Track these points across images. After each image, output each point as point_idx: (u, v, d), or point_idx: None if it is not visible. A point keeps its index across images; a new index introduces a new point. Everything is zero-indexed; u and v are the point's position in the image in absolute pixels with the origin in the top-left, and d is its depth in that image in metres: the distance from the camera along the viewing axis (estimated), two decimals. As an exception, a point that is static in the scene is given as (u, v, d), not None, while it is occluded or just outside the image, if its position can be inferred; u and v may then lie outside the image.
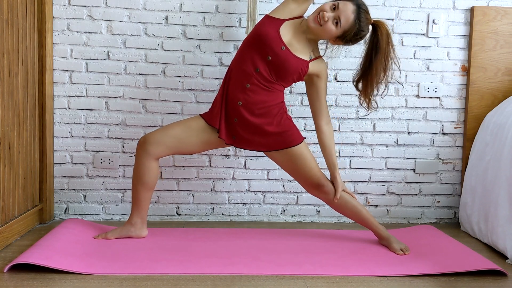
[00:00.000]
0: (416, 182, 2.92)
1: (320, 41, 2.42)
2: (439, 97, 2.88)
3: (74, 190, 2.81)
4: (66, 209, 2.81)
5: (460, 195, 2.87)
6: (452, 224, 2.91)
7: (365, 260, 2.18)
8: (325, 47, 2.45)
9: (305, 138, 2.41)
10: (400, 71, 2.53)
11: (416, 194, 2.93)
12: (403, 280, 1.99)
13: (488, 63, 2.84)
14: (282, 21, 2.30)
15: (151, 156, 2.33)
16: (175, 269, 2.02)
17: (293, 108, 2.80)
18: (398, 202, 2.93)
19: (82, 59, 2.74)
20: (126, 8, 2.73)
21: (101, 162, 2.79)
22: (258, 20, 2.65)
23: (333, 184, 2.39)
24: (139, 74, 2.77)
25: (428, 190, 2.93)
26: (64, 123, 2.76)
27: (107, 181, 2.81)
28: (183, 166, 2.82)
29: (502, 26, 2.83)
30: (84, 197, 2.81)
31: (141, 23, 2.75)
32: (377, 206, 2.92)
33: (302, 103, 2.82)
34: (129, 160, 2.79)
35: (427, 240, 2.46)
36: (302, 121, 2.80)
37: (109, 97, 2.77)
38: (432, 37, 2.85)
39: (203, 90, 2.79)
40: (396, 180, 2.91)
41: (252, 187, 2.87)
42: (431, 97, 2.88)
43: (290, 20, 2.32)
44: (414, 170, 2.91)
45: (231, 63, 2.39)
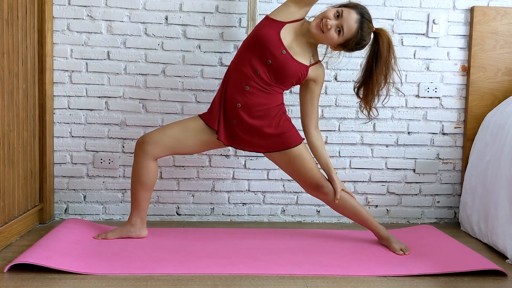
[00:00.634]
0: (416, 182, 2.92)
1: (319, 45, 2.41)
2: (439, 97, 2.88)
3: (74, 190, 2.81)
4: (66, 209, 2.81)
5: (460, 195, 2.87)
6: (452, 224, 2.91)
7: (365, 260, 2.18)
8: (325, 52, 2.45)
9: (304, 139, 2.41)
10: (401, 80, 2.51)
11: (416, 194, 2.93)
12: (403, 280, 1.99)
13: (488, 63, 2.84)
14: (283, 24, 2.28)
15: (150, 156, 2.33)
16: (175, 269, 2.02)
17: (293, 108, 2.80)
18: (398, 202, 2.93)
19: (82, 59, 2.74)
20: (126, 8, 2.73)
21: (101, 162, 2.79)
22: (258, 21, 2.66)
23: (332, 185, 2.39)
24: (139, 74, 2.77)
25: (428, 190, 2.93)
26: (64, 123, 2.76)
27: (107, 181, 2.81)
28: (183, 166, 2.82)
29: (502, 26, 2.83)
30: (84, 197, 2.82)
31: (141, 23, 2.75)
32: (377, 206, 2.92)
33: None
34: (129, 160, 2.79)
35: (427, 240, 2.46)
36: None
37: (109, 97, 2.77)
38: (432, 37, 2.85)
39: (203, 90, 2.79)
40: (396, 180, 2.91)
41: (252, 187, 2.87)
42: (431, 97, 2.88)
43: (291, 23, 2.31)
44: (414, 170, 2.91)
45: (230, 64, 2.38)
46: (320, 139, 2.43)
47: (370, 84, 2.31)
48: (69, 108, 2.76)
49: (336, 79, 2.84)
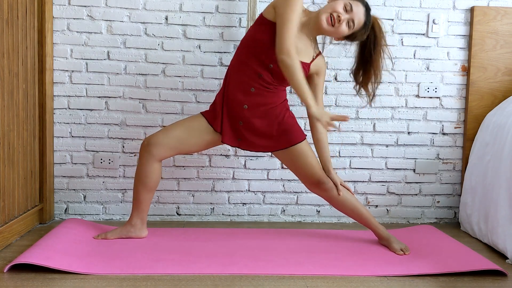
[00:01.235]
0: (416, 182, 2.92)
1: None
2: (439, 97, 2.88)
3: (74, 190, 2.81)
4: (66, 209, 2.81)
5: (460, 195, 2.87)
6: (452, 224, 2.91)
7: (365, 260, 2.18)
8: (323, 42, 2.43)
9: (306, 135, 2.41)
10: (392, 60, 2.54)
11: (416, 194, 2.93)
12: (403, 280, 1.99)
13: (488, 63, 2.84)
14: None
15: (155, 158, 2.33)
16: (175, 269, 2.02)
17: (293, 108, 2.79)
18: (398, 202, 2.93)
19: (82, 59, 2.74)
20: (126, 8, 2.73)
21: (101, 162, 2.79)
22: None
23: (331, 180, 2.38)
24: (139, 74, 2.77)
25: (428, 190, 2.93)
26: (64, 123, 2.76)
27: (107, 181, 2.81)
28: (183, 166, 2.82)
29: (502, 26, 2.83)
30: (84, 197, 2.81)
31: (141, 23, 2.74)
32: (377, 206, 2.92)
33: (303, 103, 2.82)
34: (129, 160, 2.79)
35: (427, 240, 2.46)
36: (302, 121, 2.79)
37: (109, 97, 2.77)
38: (432, 37, 2.85)
39: (203, 90, 2.79)
40: (396, 180, 2.91)
41: (252, 187, 2.87)
42: (431, 97, 2.88)
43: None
44: (414, 170, 2.91)
45: (230, 65, 2.37)
46: (325, 134, 2.43)
47: (371, 67, 2.34)
48: (69, 108, 2.76)
49: (336, 79, 2.84)
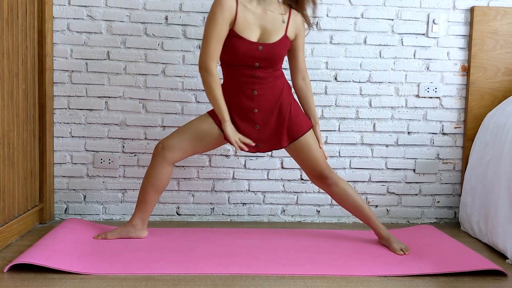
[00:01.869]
0: (416, 182, 2.92)
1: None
2: (439, 97, 2.88)
3: (74, 190, 2.81)
4: (66, 209, 2.81)
5: (460, 195, 2.87)
6: (452, 224, 2.91)
7: (365, 260, 2.18)
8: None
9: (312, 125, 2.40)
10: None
11: (416, 194, 2.93)
12: (403, 280, 1.99)
13: (488, 63, 2.84)
14: (235, 16, 2.20)
15: (168, 162, 2.33)
16: (175, 269, 2.02)
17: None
18: (398, 202, 2.93)
19: (82, 59, 2.74)
20: (126, 8, 2.73)
21: (101, 162, 2.79)
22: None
23: (315, 131, 2.41)
24: (139, 74, 2.77)
25: (428, 190, 2.93)
26: (64, 123, 2.76)
27: (107, 181, 2.81)
28: (183, 166, 2.82)
29: (502, 26, 2.83)
30: (84, 197, 2.81)
31: (141, 23, 2.74)
32: (377, 206, 2.92)
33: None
34: (129, 160, 2.79)
35: (427, 240, 2.46)
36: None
37: (109, 97, 2.77)
38: (432, 37, 2.85)
39: (203, 90, 2.78)
40: (396, 180, 2.91)
41: (252, 187, 2.87)
42: (431, 97, 2.88)
43: (242, 5, 2.23)
44: (414, 170, 2.91)
45: (224, 86, 2.32)
46: (307, 89, 2.42)
47: None
48: (69, 108, 2.76)
49: (336, 79, 2.84)
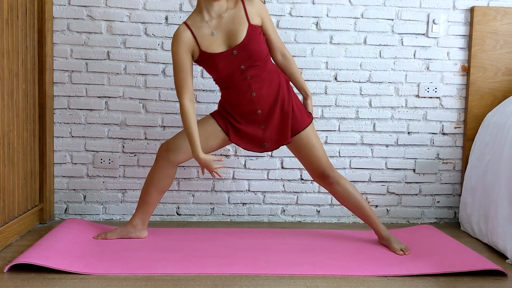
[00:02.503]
0: (416, 182, 2.92)
1: None
2: (439, 97, 2.88)
3: (74, 190, 2.81)
4: (66, 209, 2.81)
5: (460, 195, 2.87)
6: (452, 224, 2.91)
7: (365, 260, 2.18)
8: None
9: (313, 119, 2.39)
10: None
11: (416, 194, 2.93)
12: (403, 280, 1.99)
13: (488, 63, 2.84)
14: (194, 33, 2.20)
15: (172, 163, 2.34)
16: (175, 269, 2.02)
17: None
18: (398, 202, 2.93)
19: (82, 59, 2.74)
20: (126, 8, 2.73)
21: (101, 162, 2.79)
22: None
23: (307, 104, 2.39)
24: (139, 74, 2.77)
25: (428, 190, 2.93)
26: (64, 123, 2.76)
27: (107, 181, 2.81)
28: (183, 166, 2.82)
29: (502, 26, 2.83)
30: (84, 197, 2.81)
31: (141, 23, 2.74)
32: (377, 206, 2.92)
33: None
34: (129, 160, 2.79)
35: (427, 240, 2.46)
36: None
37: (109, 97, 2.77)
38: (432, 37, 2.85)
39: (203, 90, 2.79)
40: (396, 180, 2.91)
41: (252, 187, 2.87)
42: (431, 97, 2.88)
43: (196, 28, 2.22)
44: (414, 170, 2.91)
45: (222, 100, 2.34)
46: (289, 64, 2.35)
47: None
48: (69, 108, 2.76)
49: (336, 79, 2.84)
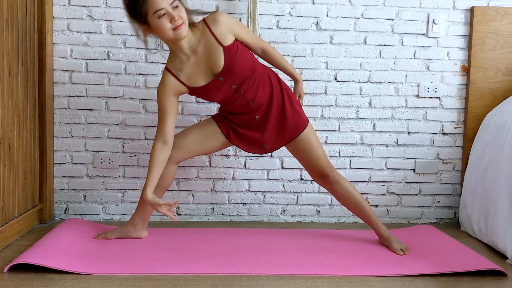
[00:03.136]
0: (416, 182, 2.92)
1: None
2: (439, 97, 2.88)
3: (74, 190, 2.81)
4: (66, 209, 2.81)
5: (460, 195, 2.87)
6: (452, 224, 2.91)
7: (365, 260, 2.18)
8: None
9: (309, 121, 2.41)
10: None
11: (416, 194, 2.93)
12: (403, 280, 1.99)
13: (488, 63, 2.84)
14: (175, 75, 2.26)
15: (173, 161, 2.35)
16: (175, 269, 2.02)
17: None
18: (398, 202, 2.93)
19: (82, 59, 2.74)
20: (126, 8, 2.73)
21: (101, 162, 2.79)
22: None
23: (298, 88, 2.42)
24: (139, 74, 2.77)
25: (428, 190, 2.93)
26: (64, 123, 2.76)
27: (107, 181, 2.81)
28: (183, 166, 2.82)
29: (502, 26, 2.83)
30: (84, 197, 2.81)
31: (141, 23, 2.74)
32: (377, 206, 2.92)
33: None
34: (129, 160, 2.79)
35: (427, 240, 2.46)
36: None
37: (109, 97, 2.77)
38: (432, 37, 2.85)
39: (203, 90, 2.79)
40: (396, 180, 2.91)
41: (252, 187, 2.87)
42: (431, 97, 2.88)
43: (176, 69, 2.25)
44: (414, 170, 2.91)
45: (221, 112, 2.41)
46: (270, 55, 2.35)
47: None
48: (69, 108, 2.76)
49: (336, 79, 2.84)
